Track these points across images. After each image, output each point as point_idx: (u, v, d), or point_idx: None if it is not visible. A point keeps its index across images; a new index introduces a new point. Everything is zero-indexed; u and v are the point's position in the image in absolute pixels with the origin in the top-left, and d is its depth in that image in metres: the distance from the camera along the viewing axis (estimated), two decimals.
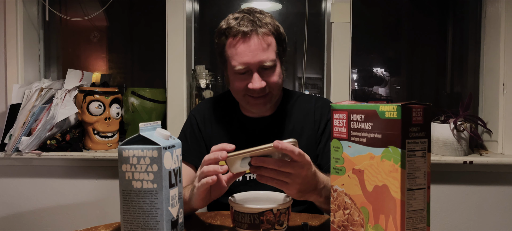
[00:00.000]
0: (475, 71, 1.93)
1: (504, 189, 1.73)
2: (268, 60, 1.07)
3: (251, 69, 1.07)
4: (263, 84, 1.08)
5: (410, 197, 0.69)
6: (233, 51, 1.08)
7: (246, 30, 1.05)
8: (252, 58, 1.06)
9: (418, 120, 0.69)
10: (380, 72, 2.06)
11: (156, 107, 1.85)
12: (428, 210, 0.70)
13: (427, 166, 0.70)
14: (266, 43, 1.07)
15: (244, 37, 1.06)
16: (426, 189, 0.70)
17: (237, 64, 1.07)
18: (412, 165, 0.69)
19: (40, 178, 1.80)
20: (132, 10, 2.15)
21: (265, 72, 1.09)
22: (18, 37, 1.82)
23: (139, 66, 2.19)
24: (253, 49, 1.06)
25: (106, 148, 1.78)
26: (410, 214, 0.69)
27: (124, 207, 0.78)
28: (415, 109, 0.68)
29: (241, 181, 1.16)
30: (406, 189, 0.68)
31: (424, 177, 0.69)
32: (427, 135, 0.69)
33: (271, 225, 0.84)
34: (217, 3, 2.07)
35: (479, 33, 1.88)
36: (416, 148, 0.69)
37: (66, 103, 1.70)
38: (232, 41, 1.08)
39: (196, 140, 1.21)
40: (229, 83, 1.16)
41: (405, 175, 0.68)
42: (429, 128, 0.70)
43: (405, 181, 0.68)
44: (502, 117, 1.73)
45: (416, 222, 0.69)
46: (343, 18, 1.75)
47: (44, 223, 1.81)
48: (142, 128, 0.78)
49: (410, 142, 0.68)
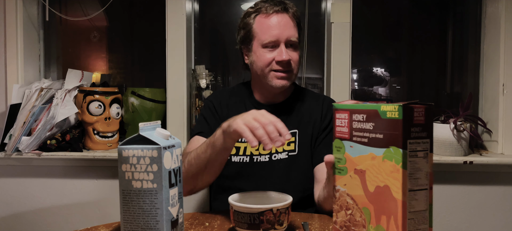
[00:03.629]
0: (475, 71, 1.93)
1: (504, 189, 1.73)
2: (294, 37, 1.19)
3: (280, 42, 1.17)
4: (288, 57, 1.17)
5: (411, 198, 0.68)
6: (264, 26, 1.18)
7: (278, 8, 1.18)
8: (282, 32, 1.17)
9: (419, 120, 0.68)
10: (380, 72, 2.06)
11: (156, 107, 1.85)
12: (431, 211, 0.70)
13: (429, 167, 0.69)
14: (293, 22, 1.20)
15: (276, 14, 1.18)
16: (428, 190, 0.69)
17: (267, 37, 1.17)
18: (414, 166, 0.68)
19: (40, 178, 1.80)
20: (132, 10, 2.15)
21: (290, 49, 1.19)
22: (18, 37, 1.82)
23: (139, 66, 2.19)
24: (283, 25, 1.17)
25: (106, 148, 1.78)
26: (412, 215, 0.68)
27: (124, 207, 0.78)
28: (416, 110, 0.68)
29: (248, 162, 1.20)
30: (408, 190, 0.67)
31: (426, 178, 0.69)
32: (429, 135, 0.69)
33: (271, 225, 0.84)
34: (217, 3, 2.07)
35: (479, 33, 1.88)
36: (417, 148, 0.68)
37: (66, 103, 1.70)
38: (263, 17, 1.19)
39: (215, 120, 1.26)
40: (252, 63, 1.24)
41: (406, 175, 0.67)
42: (431, 128, 0.69)
43: (407, 182, 0.67)
44: (502, 117, 1.73)
45: (418, 223, 0.69)
46: (343, 18, 1.75)
47: (44, 223, 1.81)
48: (142, 127, 0.78)
49: (411, 142, 0.67)
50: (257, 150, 1.21)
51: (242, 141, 1.22)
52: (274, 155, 1.21)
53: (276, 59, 1.18)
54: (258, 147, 1.21)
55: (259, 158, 1.21)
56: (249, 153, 1.21)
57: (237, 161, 1.21)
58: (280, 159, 1.21)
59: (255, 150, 1.21)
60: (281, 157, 1.21)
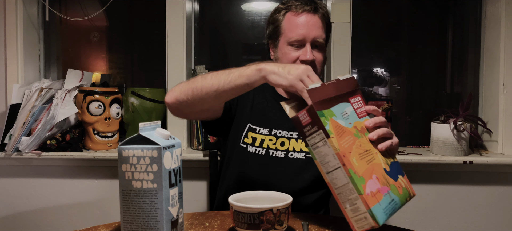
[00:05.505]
0: (475, 71, 1.93)
1: (504, 189, 1.73)
2: (321, 38, 1.20)
3: (306, 42, 1.18)
4: (313, 57, 1.18)
5: (331, 178, 0.84)
6: (293, 24, 1.20)
7: (308, 8, 1.20)
8: (309, 32, 1.18)
9: (307, 121, 0.84)
10: (380, 72, 2.06)
11: (156, 107, 1.85)
12: (353, 181, 0.81)
13: (333, 148, 0.82)
14: (322, 23, 1.21)
15: (306, 13, 1.19)
16: (342, 166, 0.81)
17: (294, 35, 1.19)
18: (320, 154, 0.84)
19: (40, 178, 1.80)
20: (132, 10, 2.15)
21: (315, 49, 1.20)
22: (18, 37, 1.82)
23: (139, 66, 2.19)
24: (311, 25, 1.19)
25: (106, 148, 1.78)
26: (339, 190, 0.84)
27: (124, 207, 0.78)
28: (301, 115, 0.84)
29: (263, 155, 1.20)
30: (326, 173, 0.84)
31: (334, 158, 0.82)
32: (320, 126, 0.82)
33: (271, 225, 0.84)
34: (217, 3, 2.07)
35: (479, 33, 1.88)
36: (316, 141, 0.84)
37: (66, 103, 1.70)
38: (293, 15, 1.20)
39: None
40: (277, 59, 1.25)
41: (319, 164, 0.85)
42: (319, 121, 0.82)
43: (321, 168, 0.85)
44: (502, 117, 1.73)
45: (346, 195, 0.82)
46: (343, 18, 1.75)
47: (44, 223, 1.81)
48: (142, 127, 0.78)
49: (309, 139, 0.84)
50: (274, 144, 1.21)
51: (260, 133, 1.22)
52: (290, 153, 1.20)
53: (300, 59, 1.18)
54: (276, 142, 1.21)
55: (275, 152, 1.20)
56: (266, 146, 1.21)
57: (252, 152, 1.20)
58: (297, 158, 1.20)
59: (272, 144, 1.21)
60: (298, 157, 1.20)
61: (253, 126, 1.23)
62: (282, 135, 1.22)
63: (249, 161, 1.20)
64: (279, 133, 1.22)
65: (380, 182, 0.85)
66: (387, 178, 0.87)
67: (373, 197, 0.81)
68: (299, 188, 1.18)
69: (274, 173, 1.19)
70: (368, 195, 0.81)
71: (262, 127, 1.23)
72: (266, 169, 1.19)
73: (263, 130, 1.22)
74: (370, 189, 0.82)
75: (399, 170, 0.92)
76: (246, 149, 1.21)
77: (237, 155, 1.22)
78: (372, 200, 0.81)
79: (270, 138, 1.21)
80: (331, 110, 0.86)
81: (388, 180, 0.87)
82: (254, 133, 1.22)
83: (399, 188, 0.88)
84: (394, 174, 0.90)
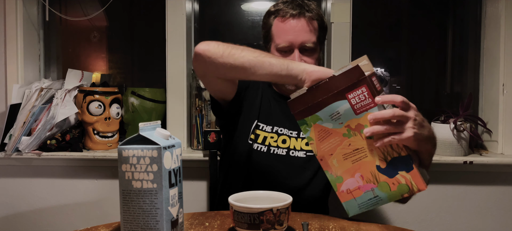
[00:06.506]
0: (475, 71, 1.93)
1: (504, 189, 1.73)
2: (310, 42, 1.19)
3: (293, 47, 1.18)
4: None
5: None
6: (280, 30, 1.19)
7: (294, 13, 1.18)
8: (296, 37, 1.17)
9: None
10: (380, 72, 2.07)
11: (156, 107, 1.85)
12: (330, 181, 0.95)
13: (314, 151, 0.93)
14: (310, 26, 1.19)
15: (293, 18, 1.18)
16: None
17: (281, 42, 1.19)
18: None
19: (40, 178, 1.80)
20: (132, 10, 2.15)
21: (305, 54, 1.20)
22: (18, 37, 1.82)
23: (139, 66, 2.19)
24: (298, 30, 1.18)
25: (106, 148, 1.78)
26: None
27: (124, 207, 0.78)
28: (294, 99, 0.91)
29: (264, 152, 1.20)
30: None
31: None
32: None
33: (271, 225, 0.84)
34: (217, 3, 2.07)
35: (479, 33, 1.88)
36: None
37: (66, 103, 1.70)
38: (280, 21, 1.20)
39: (244, 85, 1.24)
40: None
41: None
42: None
43: None
44: (502, 117, 1.73)
45: None
46: (343, 18, 1.75)
47: (44, 223, 1.81)
48: (142, 127, 0.78)
49: None
50: (275, 141, 1.21)
51: (264, 130, 1.22)
52: (291, 151, 1.21)
53: None
54: (277, 139, 1.22)
55: (276, 150, 1.21)
56: (267, 143, 1.21)
57: (255, 148, 1.21)
58: (298, 157, 1.21)
59: (274, 141, 1.21)
60: (299, 155, 1.21)
61: (259, 123, 1.24)
62: (283, 133, 1.23)
63: (252, 157, 1.21)
64: (281, 130, 1.23)
65: (364, 179, 0.90)
66: (377, 175, 0.89)
67: (348, 193, 0.93)
68: (300, 185, 1.19)
69: (275, 170, 1.19)
70: (343, 192, 0.94)
71: (266, 124, 1.23)
72: (268, 166, 1.20)
73: (266, 127, 1.23)
74: (347, 187, 0.93)
75: (404, 165, 0.88)
76: (251, 146, 1.22)
77: (244, 150, 1.22)
78: (347, 196, 0.93)
79: (272, 136, 1.22)
80: (317, 115, 0.89)
81: (378, 177, 0.89)
82: (258, 129, 1.23)
83: (393, 184, 0.89)
84: (393, 170, 0.89)
